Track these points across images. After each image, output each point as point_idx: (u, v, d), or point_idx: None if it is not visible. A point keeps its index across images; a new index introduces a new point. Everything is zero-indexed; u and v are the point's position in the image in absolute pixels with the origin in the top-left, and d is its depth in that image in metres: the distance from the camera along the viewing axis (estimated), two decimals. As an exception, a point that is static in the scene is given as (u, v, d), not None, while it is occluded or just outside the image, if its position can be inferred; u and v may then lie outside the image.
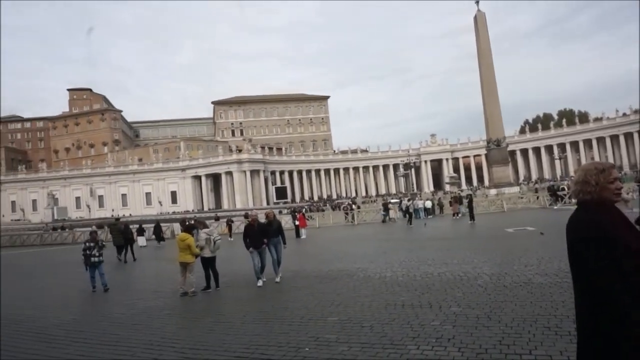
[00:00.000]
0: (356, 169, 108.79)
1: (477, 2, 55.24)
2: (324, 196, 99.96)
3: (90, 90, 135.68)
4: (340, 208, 56.67)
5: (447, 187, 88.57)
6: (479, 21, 55.29)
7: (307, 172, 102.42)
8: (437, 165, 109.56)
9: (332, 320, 7.51)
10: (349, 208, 47.00)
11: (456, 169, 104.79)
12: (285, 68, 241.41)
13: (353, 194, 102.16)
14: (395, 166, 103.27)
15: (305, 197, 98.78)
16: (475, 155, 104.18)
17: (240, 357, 6.10)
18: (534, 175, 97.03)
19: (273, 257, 11.99)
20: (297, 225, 28.40)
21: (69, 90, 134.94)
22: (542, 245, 14.66)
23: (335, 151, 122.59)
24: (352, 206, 53.08)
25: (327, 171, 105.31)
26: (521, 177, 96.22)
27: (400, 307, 8.05)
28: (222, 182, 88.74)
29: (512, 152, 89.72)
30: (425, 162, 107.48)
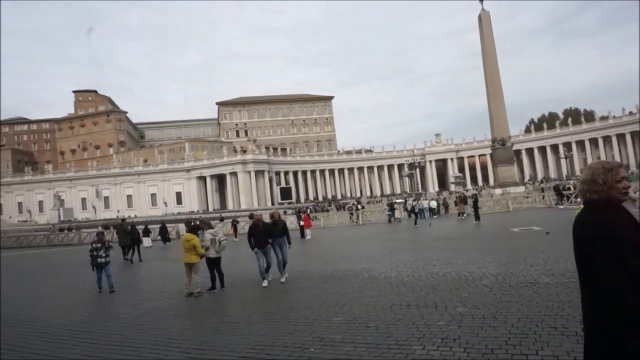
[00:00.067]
0: (361, 169, 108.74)
1: (481, 1, 55.04)
2: (329, 196, 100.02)
3: (96, 92, 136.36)
4: (345, 208, 56.63)
5: (452, 187, 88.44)
6: (484, 20, 55.11)
7: (312, 172, 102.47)
8: (442, 165, 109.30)
9: (338, 321, 7.50)
10: (355, 208, 46.91)
11: (461, 169, 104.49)
12: (289, 68, 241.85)
13: (358, 194, 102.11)
14: (400, 166, 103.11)
15: (310, 197, 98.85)
16: (480, 155, 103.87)
17: (245, 357, 6.11)
18: (539, 175, 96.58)
19: (278, 258, 11.99)
20: (301, 225, 28.41)
21: (74, 92, 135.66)
22: (548, 245, 14.58)
23: (339, 151, 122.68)
24: (358, 206, 52.99)
25: (331, 171, 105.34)
26: (527, 177, 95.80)
27: (405, 307, 8.03)
28: (227, 182, 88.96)
29: (518, 152, 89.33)
30: (430, 162, 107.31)
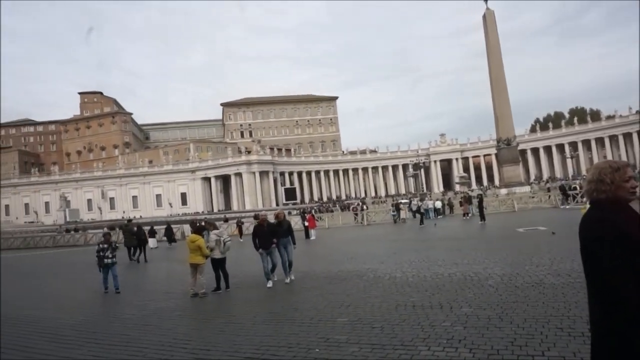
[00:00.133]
0: (365, 170, 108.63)
1: (485, 1, 54.94)
2: (333, 197, 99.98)
3: (101, 93, 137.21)
4: (349, 209, 56.60)
5: (457, 187, 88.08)
6: (488, 19, 54.97)
7: (316, 172, 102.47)
8: (446, 165, 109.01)
9: (342, 321, 7.49)
10: (360, 208, 46.87)
11: (466, 169, 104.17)
12: (293, 69, 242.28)
13: (362, 195, 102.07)
14: (405, 166, 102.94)
15: (315, 198, 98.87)
16: (485, 155, 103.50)
17: (250, 357, 6.11)
18: (545, 175, 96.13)
19: (283, 258, 11.98)
20: (306, 226, 28.43)
21: (80, 93, 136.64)
22: (554, 245, 14.51)
23: (344, 152, 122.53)
24: (363, 206, 52.93)
25: (336, 172, 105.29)
26: (532, 177, 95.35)
27: (410, 307, 8.01)
28: (232, 183, 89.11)
29: (523, 151, 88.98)
30: (435, 162, 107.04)
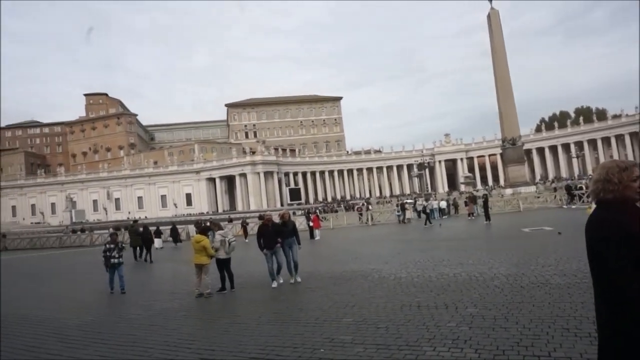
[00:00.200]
0: (370, 170, 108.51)
1: (490, 0, 54.76)
2: (338, 197, 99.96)
3: (106, 94, 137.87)
4: (354, 209, 56.54)
5: (462, 187, 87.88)
6: (493, 19, 54.78)
7: (321, 173, 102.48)
8: (451, 165, 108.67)
9: (347, 322, 7.48)
10: (365, 208, 46.77)
11: (471, 169, 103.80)
12: (298, 69, 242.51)
13: (367, 195, 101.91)
14: (409, 166, 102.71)
15: (319, 198, 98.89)
16: (490, 155, 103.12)
17: (255, 358, 6.12)
18: (550, 175, 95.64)
19: (288, 259, 11.97)
20: (311, 226, 28.44)
21: (85, 95, 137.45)
22: (560, 246, 14.42)
23: (348, 152, 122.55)
24: (369, 206, 52.83)
25: (340, 172, 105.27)
26: (537, 177, 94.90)
27: (415, 308, 7.99)
28: (236, 184, 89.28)
29: (528, 151, 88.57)
30: (440, 162, 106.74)
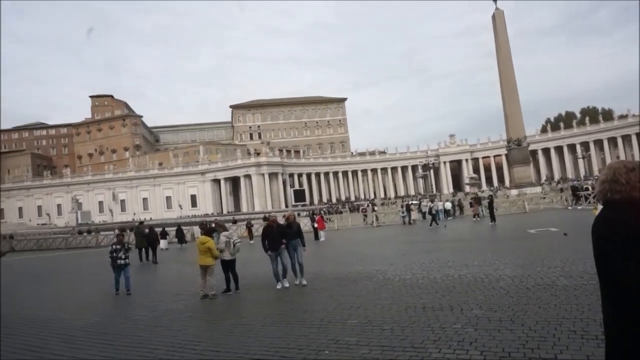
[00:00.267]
0: (374, 171, 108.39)
1: (495, 1, 54.63)
2: (342, 198, 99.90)
3: (112, 96, 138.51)
4: (358, 210, 56.45)
5: (467, 188, 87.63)
6: (498, 19, 54.65)
7: (325, 174, 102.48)
8: (456, 166, 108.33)
9: (352, 323, 7.47)
10: (370, 210, 46.67)
11: (476, 170, 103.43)
12: (302, 70, 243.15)
13: (371, 196, 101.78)
14: (414, 167, 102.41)
15: (324, 199, 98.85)
16: (495, 156, 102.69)
17: (260, 359, 6.12)
18: (556, 175, 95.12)
19: (292, 261, 11.95)
20: (315, 227, 28.42)
21: (91, 97, 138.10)
22: (566, 247, 14.34)
23: (353, 153, 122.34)
24: (374, 207, 52.70)
25: (345, 173, 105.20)
26: (543, 177, 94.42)
27: (420, 309, 7.97)
28: (241, 185, 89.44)
29: (534, 152, 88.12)
30: (444, 162, 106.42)
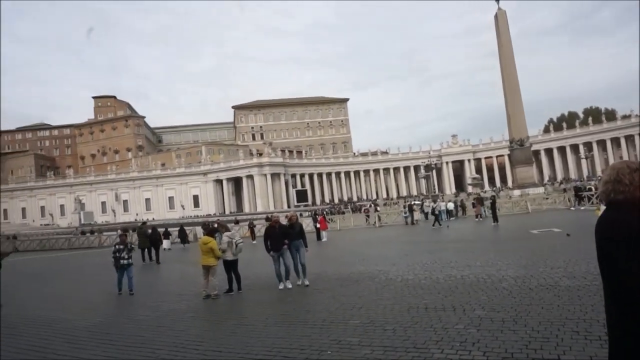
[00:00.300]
0: (376, 171, 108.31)
1: (497, 1, 54.58)
2: (345, 199, 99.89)
3: (115, 97, 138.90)
4: (361, 210, 56.43)
5: (470, 189, 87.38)
6: (500, 19, 54.58)
7: (328, 174, 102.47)
8: (458, 166, 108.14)
9: (354, 324, 7.47)
10: (373, 210, 46.65)
11: (478, 170, 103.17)
12: (302, 70, 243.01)
13: (374, 196, 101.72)
14: (416, 168, 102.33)
15: (326, 199, 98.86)
16: (497, 156, 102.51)
17: (262, 359, 6.13)
18: (559, 176, 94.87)
19: (295, 261, 11.96)
20: (317, 227, 28.43)
21: (94, 97, 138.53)
22: (569, 247, 14.30)
23: (355, 153, 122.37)
24: (377, 207, 52.67)
25: (347, 173, 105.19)
26: (546, 178, 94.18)
27: (423, 310, 7.96)
28: (243, 185, 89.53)
29: (536, 152, 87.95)
30: (447, 163, 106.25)
